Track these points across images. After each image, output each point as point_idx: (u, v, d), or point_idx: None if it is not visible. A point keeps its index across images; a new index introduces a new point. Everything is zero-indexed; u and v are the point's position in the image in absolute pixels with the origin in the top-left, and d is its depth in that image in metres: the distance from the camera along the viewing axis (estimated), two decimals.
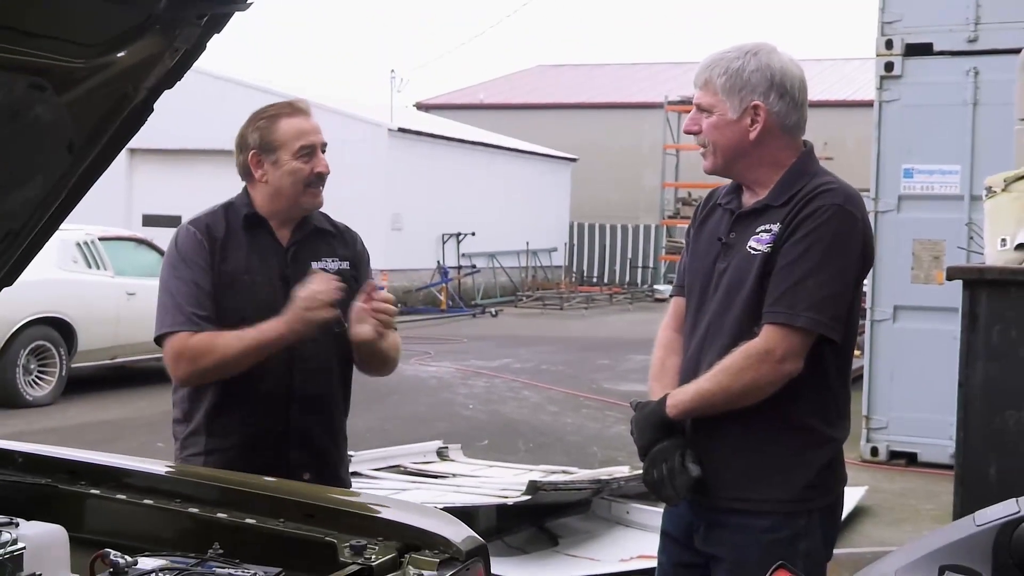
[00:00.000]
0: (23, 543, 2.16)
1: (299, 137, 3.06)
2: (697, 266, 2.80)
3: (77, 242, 10.83)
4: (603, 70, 40.16)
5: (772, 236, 2.63)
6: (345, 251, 3.20)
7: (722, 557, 2.67)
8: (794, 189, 2.66)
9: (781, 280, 2.59)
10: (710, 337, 2.70)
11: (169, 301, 3.05)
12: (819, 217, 2.59)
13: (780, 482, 2.64)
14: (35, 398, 10.45)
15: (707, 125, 2.70)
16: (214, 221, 3.14)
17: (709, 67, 2.69)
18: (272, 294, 3.05)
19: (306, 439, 3.09)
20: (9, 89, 2.17)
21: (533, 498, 5.59)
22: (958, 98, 8.23)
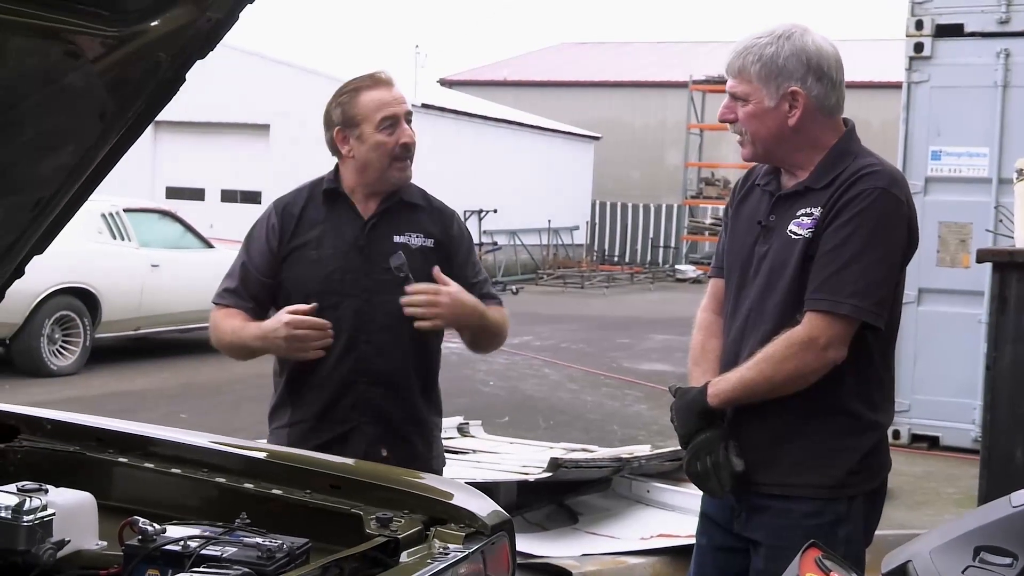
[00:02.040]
0: (52, 509, 2.19)
1: (380, 109, 3.05)
2: (736, 248, 2.76)
3: (102, 213, 10.87)
4: (628, 48, 39.96)
5: (814, 220, 2.58)
6: (433, 228, 3.15)
7: (761, 542, 2.66)
8: (836, 171, 2.61)
9: (824, 266, 2.55)
10: (752, 322, 2.67)
11: (229, 270, 3.22)
12: (863, 201, 2.55)
13: (823, 467, 2.62)
14: (59, 367, 10.52)
15: (744, 114, 2.64)
16: (295, 199, 3.19)
17: (742, 54, 2.63)
18: (341, 266, 3.07)
19: (378, 414, 3.08)
20: (44, 56, 2.17)
21: (554, 475, 5.60)
22: (988, 80, 8.14)
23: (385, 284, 3.06)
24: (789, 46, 2.60)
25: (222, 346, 3.19)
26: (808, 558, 1.57)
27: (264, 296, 3.15)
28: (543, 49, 41.63)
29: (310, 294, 3.06)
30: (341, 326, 3.04)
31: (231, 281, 3.17)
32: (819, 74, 2.61)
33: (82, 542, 2.28)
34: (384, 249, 3.07)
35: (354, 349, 3.06)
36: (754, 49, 2.62)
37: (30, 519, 2.12)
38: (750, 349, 2.63)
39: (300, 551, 2.14)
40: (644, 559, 5.20)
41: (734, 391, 2.61)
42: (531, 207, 26.82)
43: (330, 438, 3.04)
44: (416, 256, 3.08)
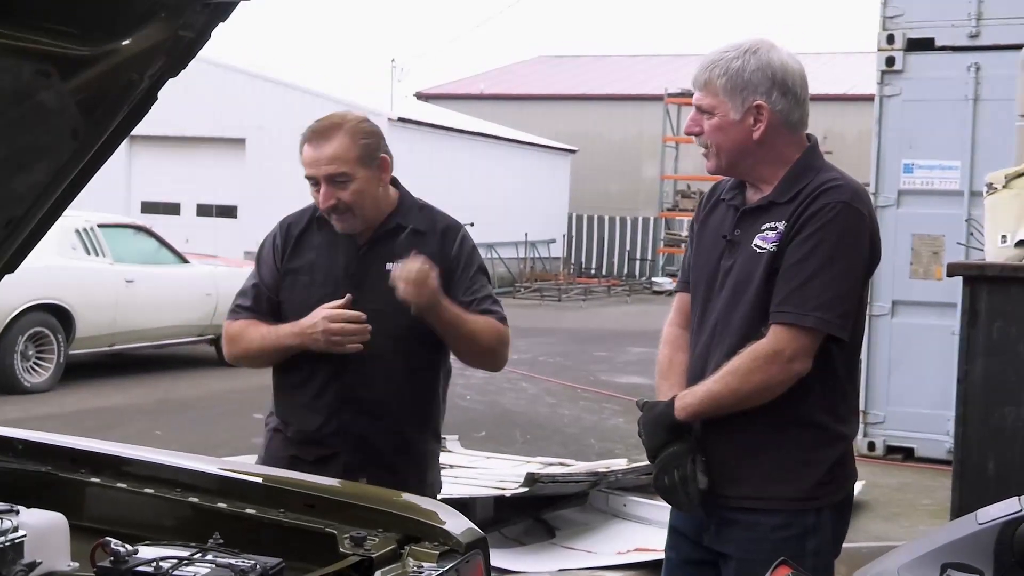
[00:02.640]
0: (24, 531, 2.17)
1: (307, 166, 3.03)
2: (702, 263, 2.78)
3: (76, 229, 10.81)
4: (603, 62, 40.10)
5: (778, 235, 2.61)
6: (431, 252, 3.00)
7: (731, 555, 2.67)
8: (799, 185, 2.64)
9: (788, 279, 2.57)
10: (718, 336, 2.69)
11: (242, 288, 3.25)
12: (826, 215, 2.57)
13: (791, 480, 2.63)
14: (33, 384, 10.44)
15: (709, 127, 2.66)
16: (299, 218, 3.19)
17: (708, 67, 2.64)
18: (331, 294, 3.03)
19: (361, 443, 3.03)
20: (15, 75, 2.16)
21: (531, 490, 5.60)
22: (959, 93, 8.21)
23: (375, 313, 2.99)
24: (755, 61, 2.62)
25: (248, 353, 3.14)
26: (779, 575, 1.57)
27: (277, 314, 3.14)
28: (519, 63, 41.73)
29: (299, 318, 3.04)
30: (326, 354, 3.00)
31: (245, 300, 3.18)
32: (784, 89, 2.64)
33: (54, 564, 2.26)
34: (376, 277, 3.01)
35: (340, 378, 3.03)
36: (720, 63, 2.63)
37: (1, 541, 2.11)
38: (716, 362, 2.64)
39: (274, 571, 2.13)
40: (621, 573, 5.21)
41: (701, 404, 2.62)
42: (508, 220, 26.85)
43: (311, 460, 3.02)
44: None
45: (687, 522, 2.79)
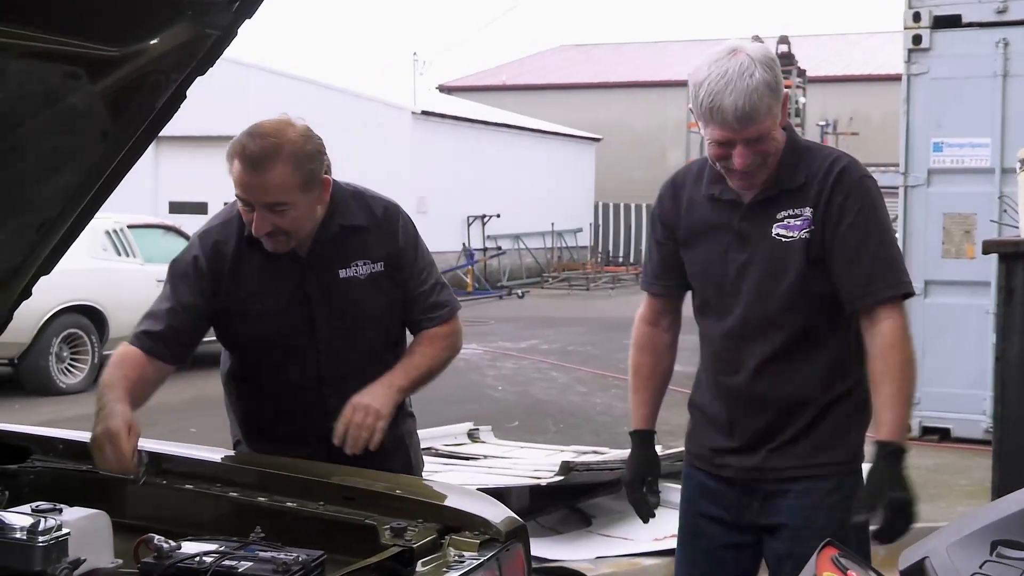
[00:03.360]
0: (67, 529, 2.18)
1: (236, 186, 2.75)
2: (702, 259, 2.75)
3: (106, 230, 10.90)
4: (626, 49, 39.97)
5: (806, 221, 2.62)
6: (380, 248, 2.87)
7: (785, 523, 2.71)
8: (803, 168, 2.64)
9: (859, 259, 2.60)
10: (752, 329, 2.69)
11: (151, 308, 2.90)
12: (861, 191, 2.63)
13: (838, 445, 2.71)
14: (68, 385, 10.54)
15: (767, 146, 2.57)
16: (224, 236, 2.86)
17: (753, 96, 2.49)
18: (288, 318, 2.82)
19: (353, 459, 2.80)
20: (44, 78, 2.17)
21: (566, 478, 5.60)
22: (988, 70, 8.13)
23: (340, 330, 2.84)
24: (760, 62, 2.53)
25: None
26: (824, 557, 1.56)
27: (191, 341, 2.87)
28: (541, 52, 41.66)
29: (262, 353, 2.87)
30: (301, 382, 2.85)
31: (155, 324, 2.81)
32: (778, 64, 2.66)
33: (97, 561, 2.28)
34: (330, 291, 2.81)
35: (320, 405, 2.84)
36: (749, 87, 2.50)
37: (45, 539, 2.12)
38: (756, 355, 2.68)
39: (316, 564, 2.14)
40: (659, 560, 5.20)
41: (907, 417, 2.62)
42: (534, 211, 26.84)
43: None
44: (368, 286, 2.85)
45: (723, 506, 2.80)
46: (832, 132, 26.68)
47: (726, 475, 2.79)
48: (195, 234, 2.94)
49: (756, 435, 2.72)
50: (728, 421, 2.77)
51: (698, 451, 2.87)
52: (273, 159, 2.68)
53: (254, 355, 2.90)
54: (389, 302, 2.91)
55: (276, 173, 2.68)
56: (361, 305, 2.86)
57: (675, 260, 2.83)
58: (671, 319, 2.92)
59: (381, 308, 2.89)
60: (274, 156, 2.68)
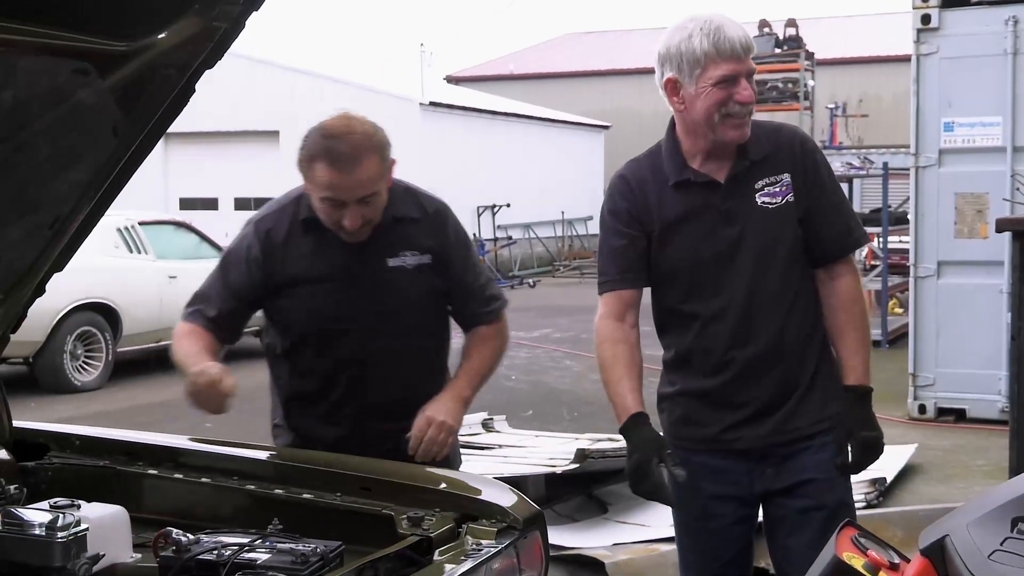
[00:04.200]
0: (86, 524, 2.20)
1: (326, 189, 2.80)
2: (692, 245, 2.75)
3: (118, 227, 10.91)
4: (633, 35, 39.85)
5: (787, 186, 2.74)
6: (429, 240, 2.95)
7: (810, 478, 2.77)
8: (762, 138, 2.76)
9: (834, 213, 2.82)
10: (757, 298, 2.74)
11: (200, 290, 3.03)
12: (818, 153, 2.84)
13: (835, 394, 2.80)
14: (83, 383, 10.57)
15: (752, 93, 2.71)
16: (277, 224, 2.97)
17: (744, 32, 2.69)
18: (336, 299, 2.91)
19: (383, 447, 2.86)
20: (54, 74, 2.18)
21: (581, 466, 5.60)
22: (998, 48, 8.08)
23: (384, 315, 2.92)
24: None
25: (176, 363, 2.91)
26: (844, 537, 1.56)
27: (240, 324, 3.01)
28: (548, 41, 41.58)
29: (307, 334, 2.95)
30: (341, 363, 2.93)
31: (209, 308, 2.94)
32: None
33: (117, 556, 2.29)
34: (379, 278, 2.90)
35: (359, 385, 2.94)
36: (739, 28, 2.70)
37: (64, 535, 2.13)
38: (768, 324, 2.74)
39: (334, 554, 2.15)
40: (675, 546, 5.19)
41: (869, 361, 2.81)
42: (544, 200, 26.81)
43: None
44: (415, 276, 2.94)
45: (728, 482, 2.82)
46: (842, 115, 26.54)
47: (738, 447, 2.79)
48: (249, 221, 3.04)
49: (770, 400, 2.77)
50: (737, 394, 2.77)
51: (695, 435, 2.85)
52: (362, 155, 2.78)
53: (299, 334, 2.97)
54: (432, 294, 2.99)
55: (366, 167, 2.78)
56: (405, 293, 2.94)
57: (643, 253, 2.80)
58: (634, 316, 2.87)
59: (424, 298, 2.97)
60: (363, 152, 2.78)
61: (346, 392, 2.95)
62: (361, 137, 2.81)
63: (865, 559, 1.52)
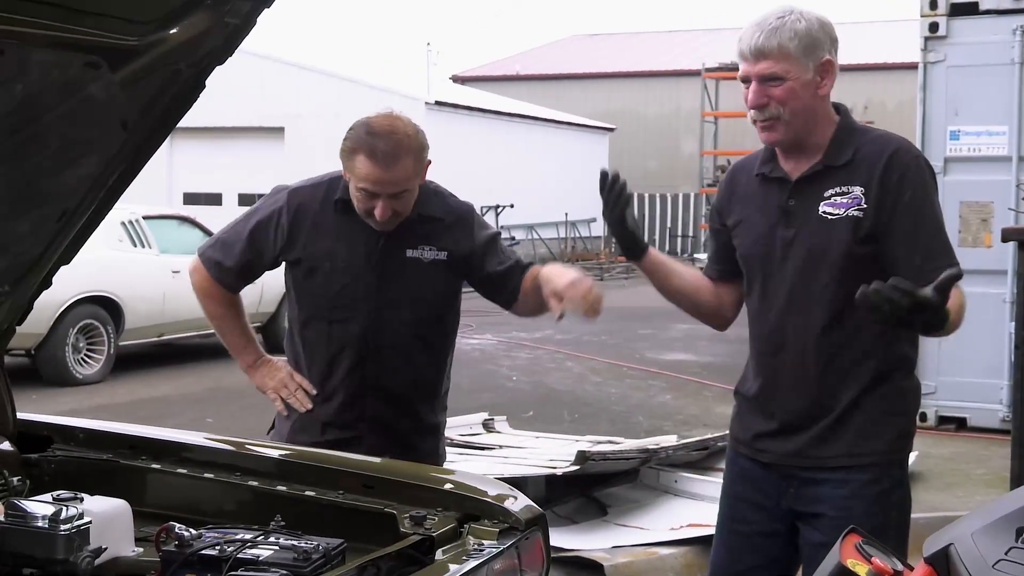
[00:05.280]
0: (88, 517, 2.20)
1: (363, 181, 2.96)
2: (752, 239, 2.77)
3: (122, 221, 10.91)
4: (639, 38, 39.87)
5: (855, 199, 2.61)
6: (448, 241, 3.11)
7: (823, 514, 2.68)
8: (851, 146, 2.66)
9: (919, 240, 2.60)
10: (794, 307, 2.69)
11: (223, 235, 3.27)
12: (916, 173, 2.63)
13: (880, 434, 2.68)
14: (85, 376, 10.57)
15: (783, 93, 2.61)
16: (310, 199, 3.14)
17: (773, 34, 2.60)
18: (354, 282, 3.06)
19: (383, 426, 3.09)
20: (65, 68, 2.18)
21: (582, 468, 5.60)
22: (1005, 57, 8.08)
23: (395, 301, 3.07)
24: (813, 18, 2.63)
25: (208, 320, 3.32)
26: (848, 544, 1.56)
27: (250, 279, 3.25)
28: (554, 42, 41.59)
29: (320, 308, 3.11)
30: (351, 341, 3.07)
31: (228, 258, 3.19)
32: (835, 42, 2.68)
33: (119, 549, 2.29)
34: (395, 265, 3.06)
35: (363, 365, 3.08)
36: (784, 27, 2.61)
37: (67, 528, 2.14)
38: (796, 330, 2.67)
39: (336, 551, 2.15)
40: (675, 549, 5.20)
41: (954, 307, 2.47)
42: (548, 201, 26.82)
43: (331, 440, 3.06)
44: (429, 269, 3.08)
45: (761, 491, 2.79)
46: None
47: (765, 460, 2.78)
48: (283, 187, 3.22)
49: (795, 418, 2.70)
50: (768, 403, 2.76)
51: (741, 435, 2.86)
52: (401, 155, 2.94)
53: (314, 307, 3.13)
54: (442, 289, 3.14)
55: (404, 166, 2.95)
56: (417, 283, 3.08)
57: (725, 244, 2.88)
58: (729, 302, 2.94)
59: (434, 291, 3.11)
60: (402, 152, 2.95)
61: (350, 370, 3.08)
62: (402, 137, 2.97)
63: (869, 566, 1.52)
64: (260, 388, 3.23)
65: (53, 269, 2.66)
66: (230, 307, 3.28)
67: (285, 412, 3.17)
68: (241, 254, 3.17)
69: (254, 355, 3.27)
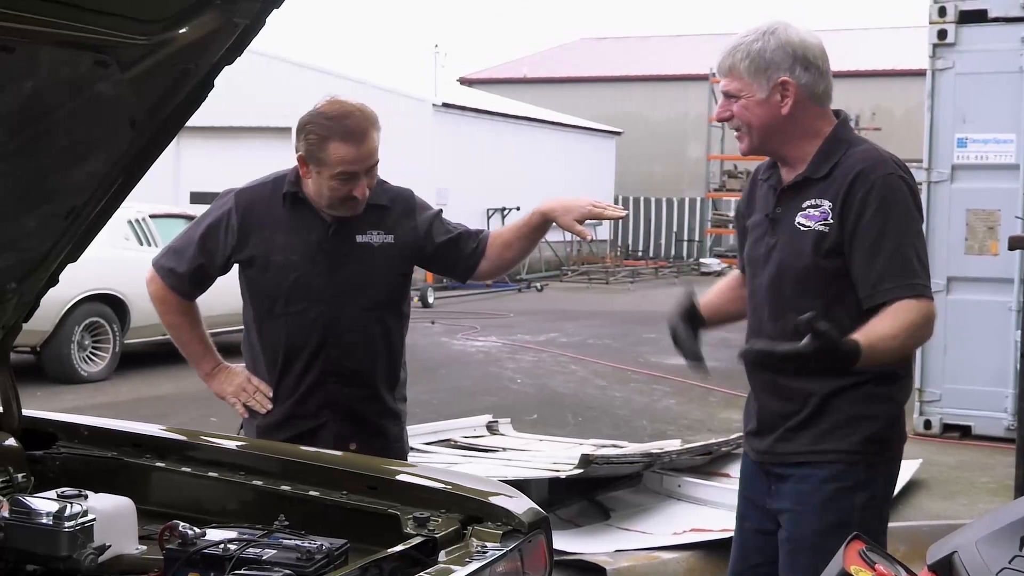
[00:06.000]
0: (92, 515, 2.21)
1: (341, 164, 3.05)
2: (750, 243, 2.88)
3: (128, 219, 10.93)
4: (646, 42, 39.86)
5: (823, 213, 2.67)
6: (394, 224, 3.22)
7: (786, 508, 2.75)
8: (833, 160, 2.72)
9: (876, 258, 2.61)
10: (768, 312, 2.78)
11: (175, 243, 3.34)
12: (882, 189, 2.64)
13: (843, 435, 2.70)
14: (90, 374, 10.59)
15: (738, 109, 2.73)
16: (258, 196, 3.24)
17: (731, 53, 2.73)
18: (308, 271, 3.14)
19: (347, 411, 3.18)
20: (74, 65, 2.19)
21: (585, 471, 5.60)
22: (1013, 65, 8.07)
23: (350, 287, 3.15)
24: (774, 40, 2.70)
25: (166, 329, 3.41)
26: (852, 550, 1.56)
27: (205, 284, 3.31)
28: (562, 45, 41.60)
29: (277, 302, 3.17)
30: (309, 330, 3.15)
31: (179, 263, 3.25)
32: (805, 63, 2.71)
33: (122, 547, 2.30)
34: (346, 250, 3.15)
35: (323, 351, 3.15)
36: (741, 47, 2.72)
37: (71, 525, 2.14)
38: (774, 338, 2.69)
39: (339, 552, 2.15)
40: (677, 554, 5.19)
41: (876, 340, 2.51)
42: None
43: (299, 433, 3.15)
44: (379, 253, 3.18)
45: (756, 489, 2.88)
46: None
47: (752, 458, 2.89)
48: (233, 191, 3.29)
49: (771, 418, 2.78)
50: (752, 402, 2.88)
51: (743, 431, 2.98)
52: (368, 129, 3.09)
53: (271, 299, 3.19)
54: (393, 271, 3.23)
55: (372, 138, 3.09)
56: (368, 267, 3.17)
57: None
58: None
59: (385, 274, 3.21)
60: (368, 125, 3.09)
61: (310, 359, 3.16)
62: (360, 112, 3.10)
63: (873, 573, 1.52)
64: (219, 394, 3.29)
65: (60, 267, 2.67)
66: (186, 315, 3.34)
67: (246, 415, 3.24)
68: (192, 259, 3.23)
69: (212, 363, 3.33)
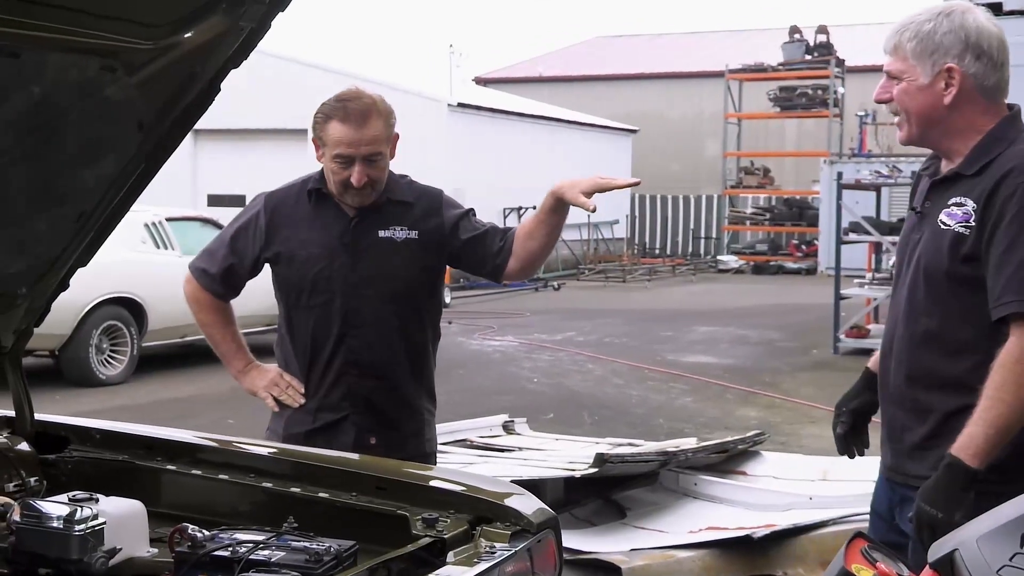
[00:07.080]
0: (103, 518, 2.21)
1: (338, 145, 3.11)
2: (902, 235, 2.74)
3: (145, 223, 10.99)
4: (662, 40, 39.81)
5: (966, 214, 2.48)
6: (419, 220, 3.26)
7: (904, 544, 2.55)
8: (988, 158, 2.51)
9: (1002, 267, 2.41)
10: (906, 313, 2.61)
11: (209, 245, 3.44)
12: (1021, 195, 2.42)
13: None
14: (108, 377, 10.64)
15: (898, 91, 2.57)
16: (286, 197, 3.32)
17: (899, 31, 2.57)
18: (329, 263, 3.21)
19: (368, 404, 3.23)
20: (82, 71, 2.20)
21: (600, 470, 5.59)
22: None
23: (371, 279, 3.20)
24: (948, 23, 2.53)
25: (200, 329, 3.48)
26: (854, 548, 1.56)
27: (239, 283, 3.38)
28: (577, 44, 41.59)
29: (302, 294, 3.24)
30: (331, 322, 3.22)
31: (212, 265, 3.34)
32: (978, 51, 2.53)
33: (133, 550, 2.31)
34: (368, 243, 3.21)
35: (344, 343, 3.22)
36: (911, 26, 2.56)
37: (82, 528, 2.15)
38: (902, 338, 2.59)
39: (348, 553, 2.16)
40: (693, 552, 5.18)
41: (988, 440, 2.37)
42: None
43: (322, 425, 3.21)
44: (402, 248, 3.22)
45: (882, 502, 2.74)
46: (872, 122, 26.44)
47: (881, 470, 2.73)
48: (263, 195, 3.38)
49: (896, 427, 2.62)
50: (880, 404, 2.72)
51: None
52: (371, 114, 3.12)
53: (297, 294, 3.26)
54: (416, 266, 3.26)
55: (375, 126, 3.12)
56: (390, 261, 3.22)
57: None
58: None
59: (408, 268, 3.24)
60: (372, 112, 3.12)
61: (333, 350, 3.22)
62: (370, 100, 3.15)
63: (874, 571, 1.52)
64: (251, 390, 3.34)
65: (70, 271, 2.69)
66: (220, 314, 3.41)
67: (277, 409, 3.28)
68: (223, 259, 3.33)
69: (244, 361, 3.39)
